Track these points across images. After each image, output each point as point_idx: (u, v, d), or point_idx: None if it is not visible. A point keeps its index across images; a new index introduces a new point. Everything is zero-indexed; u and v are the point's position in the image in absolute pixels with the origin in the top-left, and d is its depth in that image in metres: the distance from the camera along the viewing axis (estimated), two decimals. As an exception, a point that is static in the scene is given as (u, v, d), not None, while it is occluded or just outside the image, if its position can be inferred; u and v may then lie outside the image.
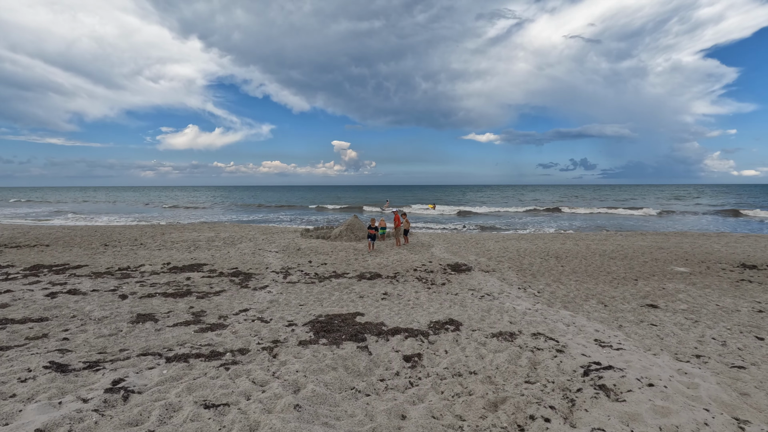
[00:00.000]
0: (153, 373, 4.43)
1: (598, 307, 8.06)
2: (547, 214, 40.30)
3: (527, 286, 9.86)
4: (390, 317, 7.07)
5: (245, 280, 10.18)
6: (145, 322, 6.54)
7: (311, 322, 6.62)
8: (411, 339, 5.89)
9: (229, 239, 18.03)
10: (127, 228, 23.20)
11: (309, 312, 7.37)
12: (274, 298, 8.47)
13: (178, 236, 19.06)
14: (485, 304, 8.01)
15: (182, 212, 45.81)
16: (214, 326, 6.43)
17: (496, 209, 46.80)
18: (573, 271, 11.54)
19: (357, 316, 7.05)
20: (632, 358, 5.05)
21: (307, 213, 45.49)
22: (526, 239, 18.47)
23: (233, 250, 15.03)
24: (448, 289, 9.46)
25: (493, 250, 15.19)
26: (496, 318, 7.05)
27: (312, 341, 5.72)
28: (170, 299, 8.22)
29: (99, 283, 9.63)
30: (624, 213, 40.29)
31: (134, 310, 7.28)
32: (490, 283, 10.11)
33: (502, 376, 4.72)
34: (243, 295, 8.68)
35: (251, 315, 7.15)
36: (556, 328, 6.48)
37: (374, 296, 8.67)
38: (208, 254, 14.17)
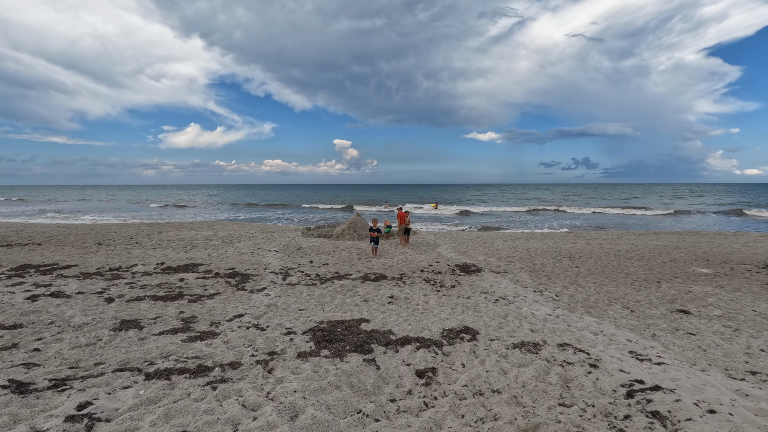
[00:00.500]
0: (127, 394, 3.81)
1: (624, 312, 7.42)
2: (552, 214, 39.60)
3: (543, 288, 9.22)
4: (398, 324, 6.44)
5: (242, 282, 9.56)
6: (129, 330, 5.92)
7: (312, 330, 5.99)
8: (423, 350, 5.26)
9: (227, 238, 17.43)
10: (123, 226, 22.63)
11: (309, 318, 6.75)
12: (272, 301, 7.85)
13: (175, 235, 18.46)
14: (501, 309, 7.37)
15: (170, 211, 45.25)
16: (204, 334, 5.81)
17: (501, 209, 46.12)
18: (589, 273, 10.89)
19: (362, 323, 6.42)
20: (679, 376, 4.41)
21: (299, 212, 44.86)
22: (535, 238, 17.82)
23: (231, 250, 14.42)
24: (459, 291, 8.82)
25: (502, 250, 14.55)
26: (515, 325, 6.41)
27: (312, 353, 5.09)
28: (160, 303, 7.60)
29: (86, 284, 9.03)
30: (635, 213, 39.53)
31: (119, 316, 6.66)
32: (502, 285, 9.47)
33: (530, 396, 4.09)
34: (239, 299, 8.06)
35: (246, 321, 6.53)
36: (583, 337, 5.84)
37: (380, 300, 8.04)
38: (205, 254, 13.56)
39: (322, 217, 36.62)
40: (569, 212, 40.64)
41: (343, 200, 65.67)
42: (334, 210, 46.88)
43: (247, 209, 47.92)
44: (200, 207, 52.32)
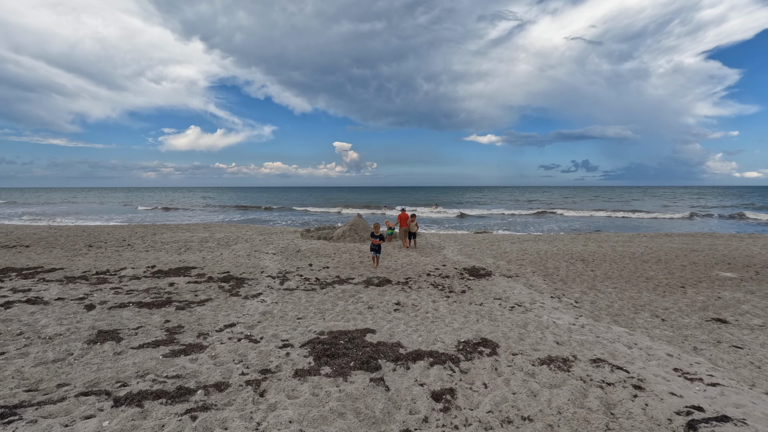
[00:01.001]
0: (88, 427, 3.15)
1: (654, 321, 6.76)
2: (555, 216, 38.94)
3: (560, 294, 8.57)
4: (407, 335, 5.78)
5: (236, 287, 8.90)
6: (105, 342, 5.26)
7: (311, 343, 5.33)
8: (438, 367, 4.61)
9: (223, 240, 16.77)
10: (116, 228, 21.97)
11: (308, 328, 6.08)
12: (267, 308, 7.19)
13: (170, 237, 17.81)
14: (519, 318, 6.71)
15: (156, 214, 44.59)
16: (189, 348, 5.15)
17: (500, 211, 45.47)
18: (607, 277, 10.23)
19: (367, 334, 5.76)
20: (743, 401, 3.76)
21: (293, 214, 44.19)
22: (543, 240, 17.16)
23: (227, 252, 13.76)
24: (471, 297, 8.16)
25: (510, 253, 13.89)
26: (538, 336, 5.76)
27: (312, 371, 4.44)
28: (145, 311, 6.94)
29: (68, 289, 8.37)
30: (641, 216, 38.88)
31: (97, 326, 6.00)
32: (516, 290, 8.81)
33: (569, 425, 3.44)
34: (231, 305, 7.40)
35: (238, 332, 5.87)
36: (617, 351, 5.19)
37: (385, 307, 7.38)
38: (199, 256, 12.90)
39: (316, 219, 35.96)
40: (573, 215, 39.99)
41: (335, 202, 64.82)
42: (327, 213, 46.15)
43: (234, 211, 47.17)
44: (182, 210, 50.77)
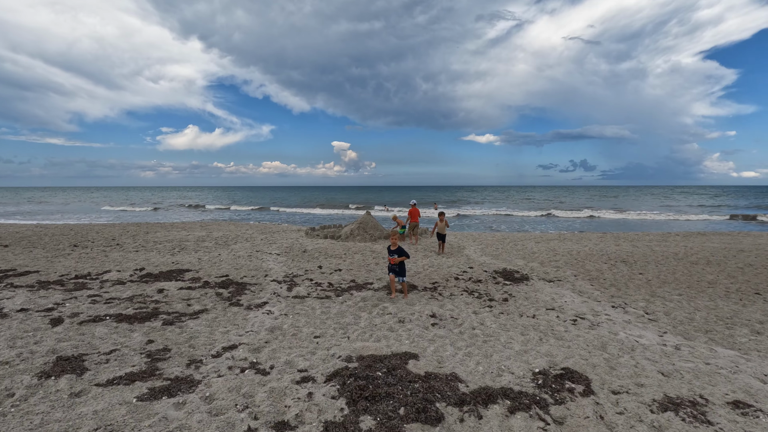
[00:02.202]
0: None
1: (760, 339, 5.44)
2: (564, 216, 37.64)
3: (622, 303, 7.24)
4: (461, 362, 4.45)
5: (237, 294, 7.56)
6: (63, 376, 3.91)
7: (338, 375, 4.00)
8: (521, 415, 3.30)
9: (222, 239, 15.40)
10: (107, 226, 20.57)
11: (331, 351, 4.75)
12: (275, 323, 5.84)
13: (164, 235, 16.44)
14: (590, 336, 5.39)
15: (124, 215, 43.19)
16: (176, 384, 3.81)
17: (503, 210, 44.19)
18: (663, 281, 8.91)
19: (409, 360, 4.43)
20: None
21: (272, 215, 42.79)
22: (570, 239, 15.83)
23: (225, 252, 12.41)
24: (517, 307, 6.84)
25: (538, 253, 12.56)
26: (631, 364, 4.43)
27: (347, 423, 3.10)
28: (124, 326, 5.59)
29: (37, 297, 7.01)
30: (654, 218, 37.59)
31: (59, 349, 4.66)
32: (567, 298, 7.49)
33: None
34: (231, 318, 6.05)
35: (240, 357, 4.53)
36: (750, 387, 3.87)
37: (419, 320, 6.05)
38: (195, 257, 11.54)
39: (304, 219, 34.60)
40: (586, 214, 38.70)
41: (336, 202, 63.40)
42: (313, 213, 44.74)
43: (203, 212, 45.73)
44: (161, 210, 49.24)
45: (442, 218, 12.56)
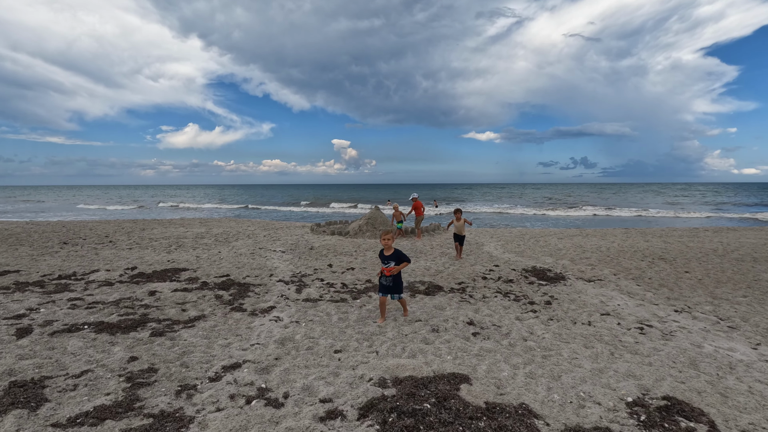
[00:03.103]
0: None
1: None
2: (574, 212, 36.64)
3: (684, 306, 6.28)
4: (525, 386, 3.50)
5: (239, 296, 6.60)
6: (9, 413, 2.96)
7: (374, 407, 3.05)
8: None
9: (222, 236, 14.45)
10: (101, 223, 19.62)
11: (357, 371, 3.79)
12: (286, 333, 4.88)
13: (161, 232, 15.48)
14: (669, 349, 4.43)
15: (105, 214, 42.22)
16: (159, 423, 2.85)
17: (506, 206, 43.20)
18: (716, 281, 7.95)
19: (459, 385, 3.47)
20: None
21: (259, 214, 41.80)
22: (593, 235, 14.84)
23: (226, 250, 11.45)
24: (566, 312, 5.87)
25: (564, 249, 11.60)
26: (743, 390, 3.48)
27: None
28: (104, 337, 4.64)
29: (9, 302, 6.07)
30: (663, 215, 36.57)
31: (17, 368, 3.71)
32: (617, 300, 6.53)
33: None
34: (233, 327, 5.10)
35: (245, 381, 3.58)
36: None
37: (457, 330, 5.09)
38: (193, 255, 10.59)
39: (299, 216, 33.63)
40: (591, 211, 37.70)
41: (329, 199, 62.29)
42: (291, 211, 43.72)
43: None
44: (146, 208, 47.37)
45: (459, 216, 10.35)
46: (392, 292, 5.31)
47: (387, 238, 5.15)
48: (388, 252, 5.21)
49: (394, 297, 5.36)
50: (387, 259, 5.21)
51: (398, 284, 5.31)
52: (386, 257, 5.22)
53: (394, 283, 5.26)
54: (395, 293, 5.33)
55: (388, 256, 5.20)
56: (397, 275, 5.27)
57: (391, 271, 5.17)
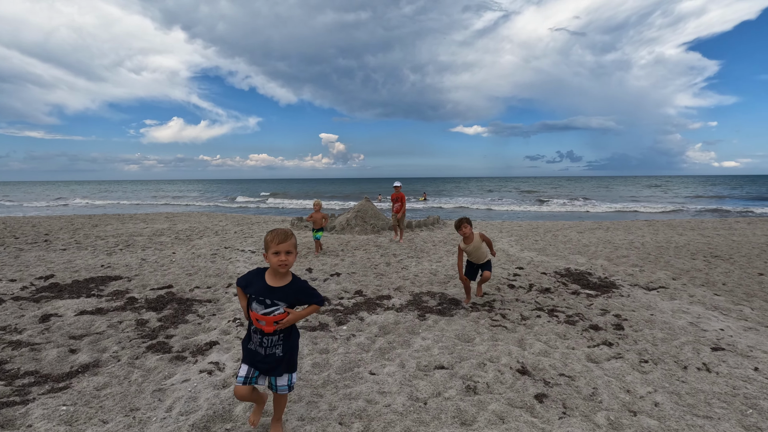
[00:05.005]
0: None
1: None
2: (573, 205, 35.08)
3: (813, 330, 4.39)
4: None
5: (172, 322, 4.54)
6: None
7: None
8: None
9: (185, 233, 12.26)
10: (49, 219, 17.18)
11: None
12: (219, 404, 2.83)
13: (114, 229, 13.21)
14: None
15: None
16: None
17: (508, 202, 41.57)
18: (812, 287, 6.12)
19: None
20: None
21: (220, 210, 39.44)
22: (615, 229, 12.99)
23: (183, 250, 9.32)
24: (653, 344, 3.94)
25: (592, 245, 9.73)
26: None
27: None
28: None
29: None
30: (671, 209, 35.18)
31: None
32: (710, 321, 4.63)
33: None
34: (132, 391, 3.04)
35: None
36: None
37: (505, 385, 3.12)
38: (138, 258, 8.44)
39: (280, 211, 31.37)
40: (587, 206, 36.19)
41: (324, 194, 59.85)
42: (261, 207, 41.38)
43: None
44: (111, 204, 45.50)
45: (468, 230, 5.09)
46: (276, 375, 2.39)
47: (281, 251, 2.27)
48: (277, 280, 2.35)
49: (279, 389, 2.41)
50: (270, 295, 2.31)
51: (291, 356, 2.43)
52: (269, 290, 2.32)
53: (284, 352, 2.39)
54: (282, 379, 2.41)
55: (274, 288, 2.33)
56: (291, 334, 2.43)
57: (276, 324, 2.32)
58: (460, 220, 5.14)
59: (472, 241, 5.16)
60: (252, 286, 2.36)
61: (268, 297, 2.31)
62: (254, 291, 2.34)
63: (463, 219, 5.15)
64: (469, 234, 5.11)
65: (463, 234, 5.11)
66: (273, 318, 2.31)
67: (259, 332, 2.34)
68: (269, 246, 2.29)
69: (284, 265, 2.28)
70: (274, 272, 2.35)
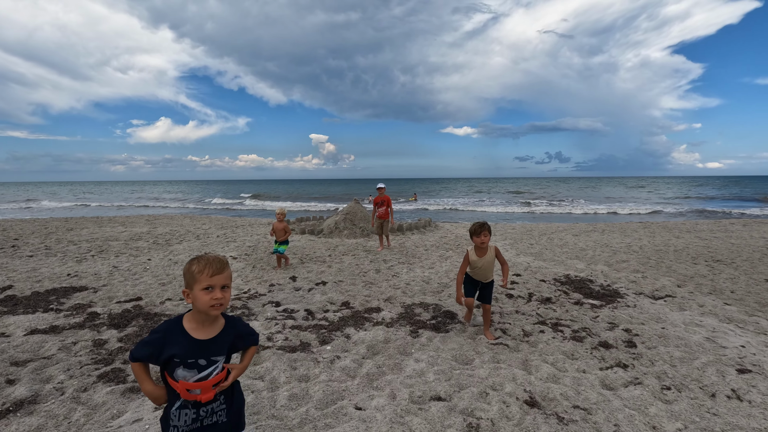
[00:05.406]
0: None
1: None
2: (562, 207, 35.03)
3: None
4: None
5: (133, 343, 4.03)
6: None
7: None
8: None
9: (164, 237, 11.67)
10: (23, 222, 16.38)
11: None
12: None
13: (89, 233, 12.55)
14: None
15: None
16: None
17: (500, 204, 41.40)
18: (824, 294, 5.81)
19: None
20: None
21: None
22: (612, 231, 12.69)
23: (160, 256, 8.76)
24: (671, 365, 3.55)
25: (589, 249, 9.39)
26: None
27: None
28: None
29: None
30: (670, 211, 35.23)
31: None
32: (727, 335, 4.26)
33: None
34: (72, 435, 2.54)
35: None
36: None
37: (512, 421, 2.68)
38: (109, 265, 7.86)
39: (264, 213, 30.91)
40: (569, 207, 36.18)
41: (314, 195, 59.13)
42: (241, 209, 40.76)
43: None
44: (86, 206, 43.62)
45: (487, 240, 4.07)
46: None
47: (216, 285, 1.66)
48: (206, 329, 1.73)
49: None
50: (204, 353, 1.71)
51: (239, 417, 1.90)
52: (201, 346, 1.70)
53: (230, 415, 1.83)
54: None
55: (206, 342, 1.72)
56: (234, 390, 1.89)
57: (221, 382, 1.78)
58: (480, 225, 4.04)
59: (485, 254, 4.10)
60: (170, 348, 1.64)
61: (201, 356, 1.68)
62: (178, 353, 1.65)
63: (483, 224, 4.05)
64: (486, 245, 4.08)
65: (481, 243, 4.03)
66: (211, 381, 1.72)
67: (192, 405, 1.71)
68: (196, 279, 1.63)
69: (219, 305, 1.66)
70: (199, 318, 1.69)
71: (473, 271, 4.21)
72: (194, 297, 1.65)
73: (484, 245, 4.07)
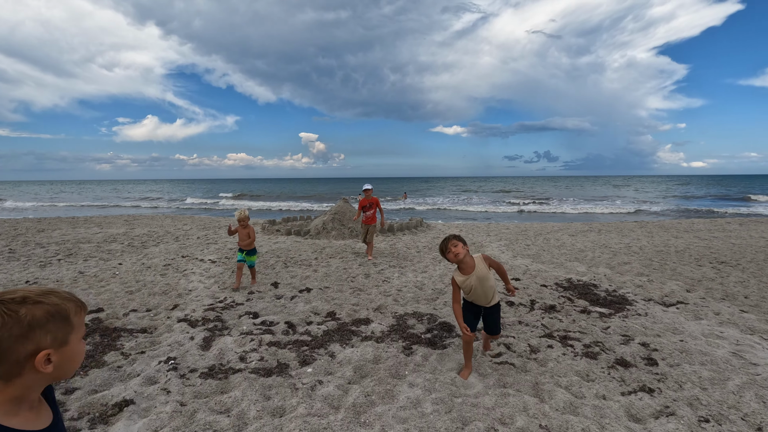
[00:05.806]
0: None
1: None
2: (548, 207, 34.90)
3: None
4: None
5: (83, 365, 3.47)
6: None
7: None
8: None
9: (140, 239, 11.00)
10: (-6, 223, 15.55)
11: None
12: None
13: (60, 234, 11.82)
14: None
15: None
16: None
17: (491, 203, 41.18)
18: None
19: None
20: None
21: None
22: (609, 231, 12.35)
23: (132, 260, 8.13)
24: (701, 387, 3.12)
25: (589, 251, 9.00)
26: None
27: None
28: None
29: None
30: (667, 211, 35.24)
31: None
32: (753, 349, 3.85)
33: None
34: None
35: None
36: None
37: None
38: (74, 270, 7.23)
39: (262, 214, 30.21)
40: (561, 207, 36.08)
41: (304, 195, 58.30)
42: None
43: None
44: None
45: (460, 251, 3.19)
46: None
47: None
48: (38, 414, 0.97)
49: None
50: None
51: None
52: None
53: None
54: None
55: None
56: None
57: None
58: (444, 240, 3.23)
59: (473, 269, 3.20)
60: None
61: None
62: None
63: (446, 238, 3.22)
64: (463, 258, 3.17)
65: (454, 258, 3.16)
66: None
67: None
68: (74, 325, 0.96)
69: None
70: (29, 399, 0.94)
71: (469, 296, 3.32)
72: (69, 353, 0.95)
73: (463, 259, 3.18)
